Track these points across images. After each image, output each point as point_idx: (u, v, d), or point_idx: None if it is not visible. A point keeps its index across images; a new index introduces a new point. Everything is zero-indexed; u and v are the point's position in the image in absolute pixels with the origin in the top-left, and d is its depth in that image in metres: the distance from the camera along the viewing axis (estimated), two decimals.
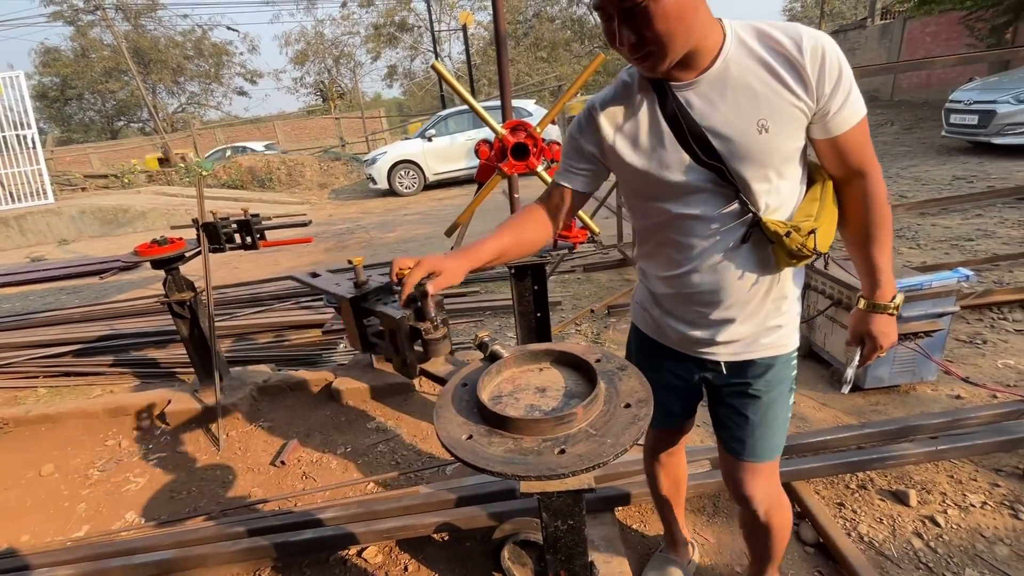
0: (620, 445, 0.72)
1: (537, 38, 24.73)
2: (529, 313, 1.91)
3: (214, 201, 10.20)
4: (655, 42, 0.83)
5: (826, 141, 0.93)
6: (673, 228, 1.00)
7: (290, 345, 3.53)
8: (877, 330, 1.04)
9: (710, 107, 0.91)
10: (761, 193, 0.93)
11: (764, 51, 0.89)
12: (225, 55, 26.77)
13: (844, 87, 0.88)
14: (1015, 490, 1.71)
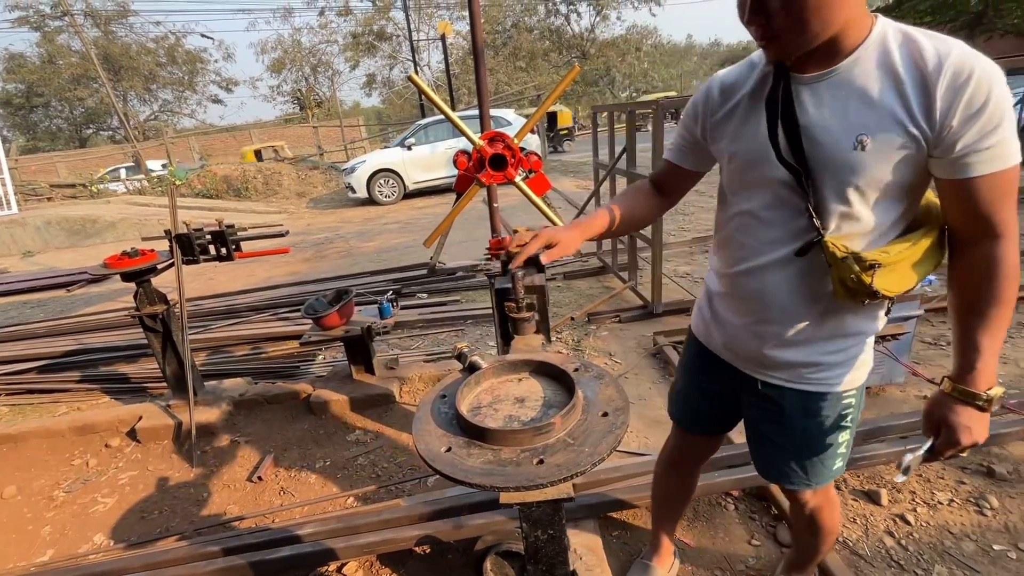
0: (598, 454, 0.72)
1: (516, 48, 24.98)
2: None
3: (188, 211, 9.99)
4: (784, 28, 0.77)
5: (950, 183, 0.80)
6: (739, 224, 0.98)
7: (267, 357, 3.46)
8: (958, 421, 0.84)
9: (817, 105, 0.83)
10: (834, 212, 0.85)
11: (900, 59, 0.77)
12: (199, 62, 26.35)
13: (985, 123, 0.74)
14: (979, 487, 1.77)
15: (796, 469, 1.07)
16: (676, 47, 29.93)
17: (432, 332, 3.59)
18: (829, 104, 0.82)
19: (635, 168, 3.42)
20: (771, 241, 0.93)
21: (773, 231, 0.92)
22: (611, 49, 26.07)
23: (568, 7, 25.51)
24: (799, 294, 0.93)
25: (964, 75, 0.73)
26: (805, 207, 0.87)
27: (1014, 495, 1.72)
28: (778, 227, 0.92)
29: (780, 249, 0.92)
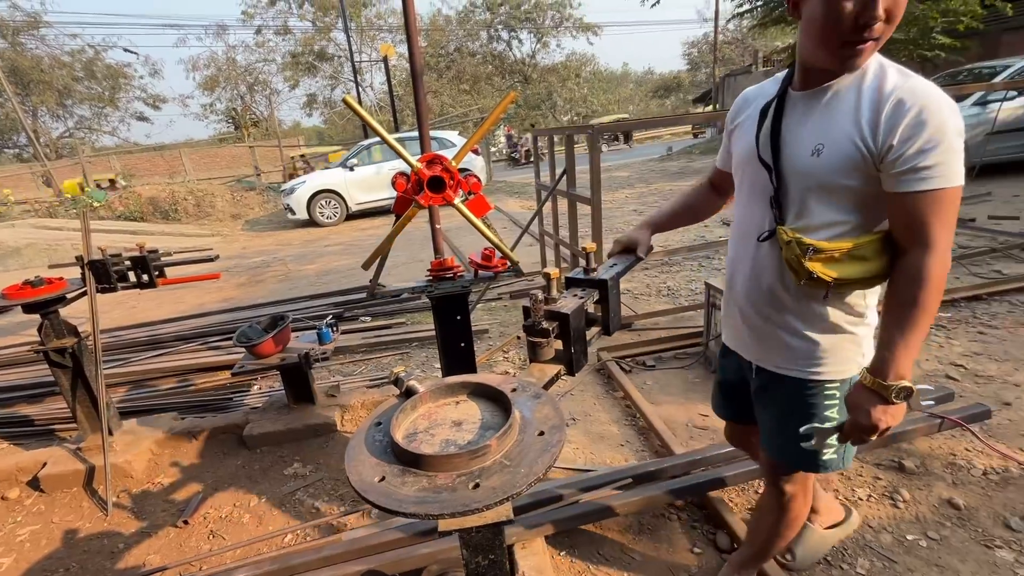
0: (534, 474, 0.73)
1: (459, 71, 25.35)
2: (453, 344, 1.90)
3: (108, 235, 9.29)
4: (891, 24, 0.85)
5: (892, 195, 0.89)
6: (736, 218, 1.17)
7: (196, 390, 3.24)
8: (866, 408, 0.92)
9: (793, 115, 1.00)
10: (792, 207, 1.00)
11: (868, 86, 0.90)
12: (122, 78, 24.84)
13: (924, 144, 0.83)
14: (893, 481, 1.92)
15: (779, 443, 1.20)
16: (613, 74, 31.44)
17: (376, 356, 3.49)
18: (804, 115, 0.98)
19: (575, 189, 3.52)
20: (749, 230, 1.10)
21: (752, 221, 1.09)
22: (552, 74, 26.99)
23: (510, 33, 26.25)
24: (768, 278, 1.08)
25: (909, 101, 0.84)
26: (771, 200, 1.03)
27: (922, 487, 1.87)
28: (756, 218, 1.08)
29: (751, 231, 1.10)
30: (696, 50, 38.60)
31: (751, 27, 14.37)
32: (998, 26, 9.10)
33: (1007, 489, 1.83)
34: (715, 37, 20.38)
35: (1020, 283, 3.44)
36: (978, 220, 5.14)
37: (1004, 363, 2.64)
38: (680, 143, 19.43)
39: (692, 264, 4.86)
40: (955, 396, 2.28)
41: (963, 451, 2.02)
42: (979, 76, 7.08)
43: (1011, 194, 6.20)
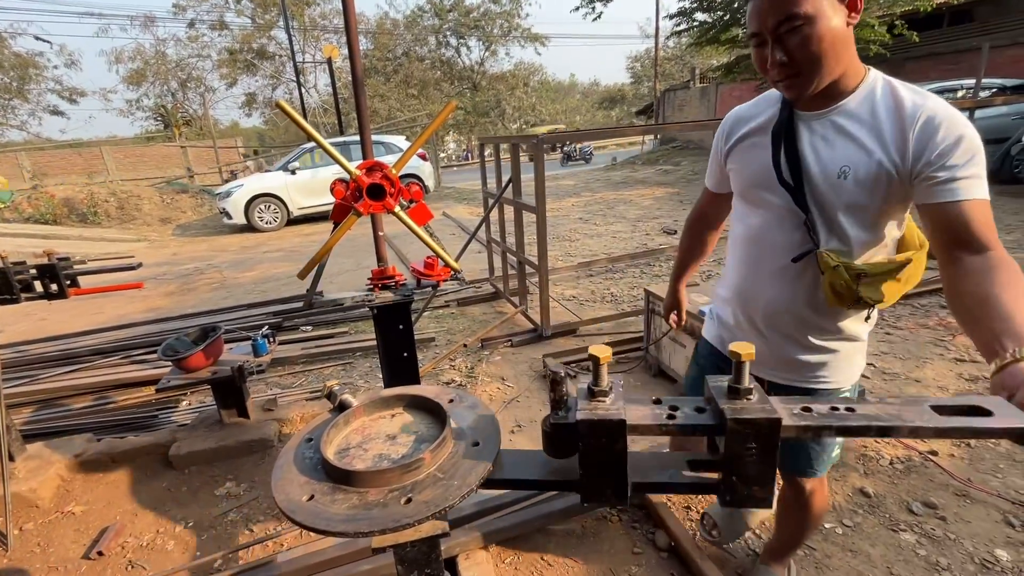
0: (467, 485, 0.73)
1: (407, 75, 25.04)
2: (395, 354, 1.87)
3: (13, 240, 8.46)
4: (804, 63, 0.90)
5: (934, 207, 0.89)
6: (747, 232, 1.15)
7: (116, 408, 3.00)
8: None
9: (811, 138, 1.00)
10: (825, 228, 1.01)
11: (884, 103, 0.94)
12: (33, 67, 22.74)
13: (961, 155, 0.87)
14: None
15: (806, 459, 1.23)
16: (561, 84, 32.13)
17: (317, 367, 3.37)
18: (822, 138, 0.99)
19: (520, 197, 3.57)
20: (773, 252, 1.09)
21: (775, 244, 1.08)
22: (501, 83, 27.21)
23: (458, 40, 26.26)
24: (797, 300, 1.09)
25: (936, 120, 0.89)
26: (802, 223, 1.03)
27: (838, 477, 2.02)
28: (779, 240, 1.07)
29: (780, 259, 1.08)
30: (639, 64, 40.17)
31: (688, 45, 15.13)
32: (902, 54, 10.08)
33: (910, 476, 2.01)
34: (656, 53, 21.31)
35: (919, 288, 3.80)
36: None
37: (907, 360, 2.90)
38: (624, 153, 20.12)
39: (635, 271, 5.02)
40: (866, 392, 2.48)
41: (872, 443, 2.20)
42: None
43: None
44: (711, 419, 0.69)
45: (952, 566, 1.61)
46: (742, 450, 0.65)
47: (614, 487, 0.70)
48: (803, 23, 0.87)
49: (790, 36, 0.88)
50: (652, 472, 0.76)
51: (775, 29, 0.89)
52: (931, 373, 2.74)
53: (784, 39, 0.89)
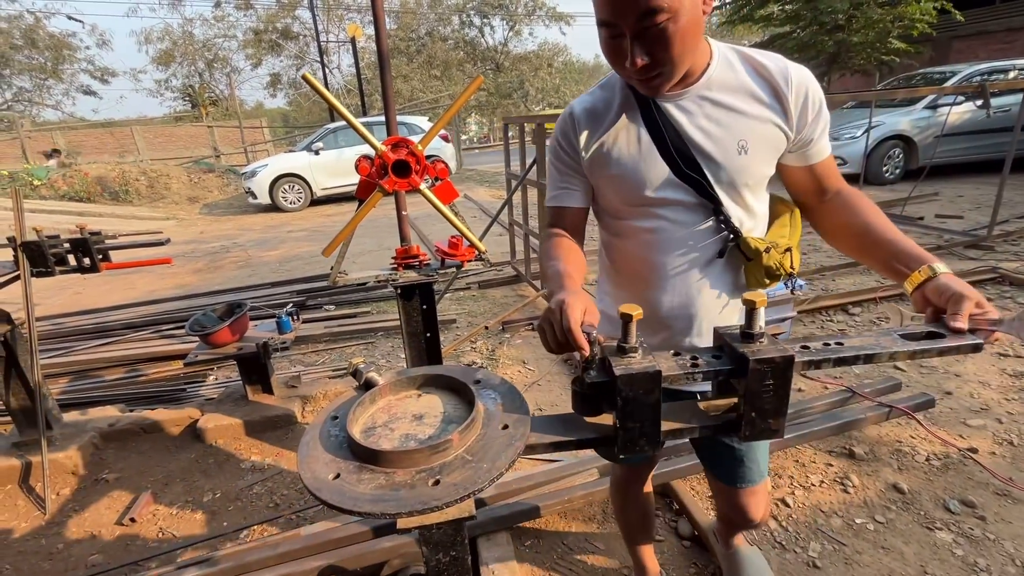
0: (496, 469, 0.70)
1: (430, 56, 24.82)
2: (418, 334, 1.86)
3: (50, 216, 8.73)
4: (668, 63, 0.81)
5: (805, 168, 0.97)
6: (646, 244, 0.98)
7: (146, 380, 3.09)
8: (960, 286, 0.77)
9: (692, 121, 0.91)
10: (736, 211, 0.95)
11: (748, 74, 0.91)
12: (67, 48, 23.21)
13: (824, 120, 0.93)
14: (844, 467, 2.00)
15: (750, 465, 1.12)
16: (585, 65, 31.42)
17: (339, 346, 3.40)
18: (701, 119, 0.91)
19: (545, 178, 3.50)
20: (686, 251, 0.97)
21: (688, 241, 0.96)
22: (524, 63, 26.77)
23: (482, 20, 25.86)
24: (721, 296, 1.00)
25: (804, 84, 0.90)
26: (712, 212, 0.94)
27: (870, 472, 1.96)
28: (691, 236, 0.96)
29: (698, 257, 0.97)
30: None
31: (720, 24, 14.60)
32: (950, 33, 9.54)
33: (947, 473, 1.93)
34: None
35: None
36: (926, 219, 5.41)
37: None
38: None
39: None
40: (902, 386, 2.39)
41: (908, 438, 2.12)
42: (931, 80, 7.41)
43: (956, 194, 6.54)
44: (731, 363, 0.76)
45: (991, 567, 1.55)
46: (760, 387, 0.73)
47: (648, 436, 0.76)
48: (667, 18, 0.76)
49: (651, 32, 0.77)
50: (676, 421, 0.81)
51: (637, 22, 0.77)
52: (972, 368, 2.62)
53: (645, 35, 0.78)
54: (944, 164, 7.15)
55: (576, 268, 0.93)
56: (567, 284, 0.87)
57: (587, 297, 0.83)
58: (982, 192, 6.44)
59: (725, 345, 0.78)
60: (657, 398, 0.74)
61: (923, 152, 7.19)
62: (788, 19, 10.45)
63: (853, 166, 7.19)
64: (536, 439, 0.82)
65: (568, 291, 0.83)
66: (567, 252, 0.97)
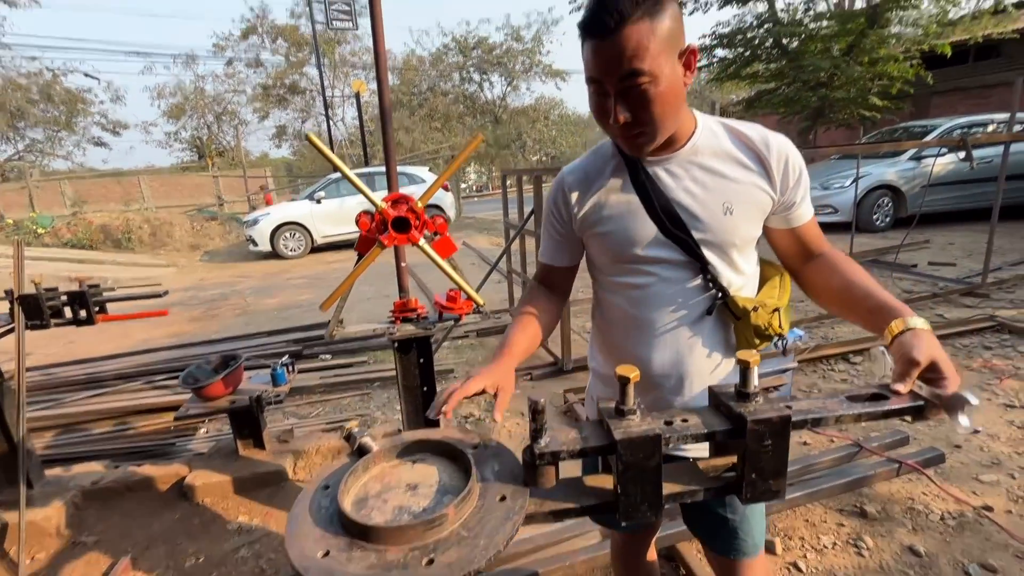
0: (494, 546, 0.67)
1: (432, 109, 25.79)
2: (415, 388, 1.83)
3: (52, 264, 8.77)
4: (649, 122, 0.86)
5: (789, 231, 1.00)
6: (635, 300, 1.00)
7: (135, 434, 3.01)
8: (933, 344, 0.76)
9: (678, 184, 0.95)
10: (724, 271, 0.97)
11: (732, 142, 0.96)
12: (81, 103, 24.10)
13: (804, 185, 0.97)
14: (856, 528, 1.92)
15: (744, 537, 1.06)
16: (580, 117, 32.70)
17: (335, 397, 3.34)
18: (687, 181, 0.95)
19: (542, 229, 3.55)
20: (675, 309, 0.99)
21: (677, 299, 0.98)
22: (522, 116, 27.79)
23: (481, 76, 27.08)
24: (712, 355, 1.00)
25: (785, 150, 0.95)
26: (700, 271, 0.97)
27: (884, 533, 1.88)
28: (680, 295, 0.98)
29: (687, 315, 0.98)
30: None
31: (709, 81, 15.30)
32: (928, 89, 10.00)
33: (964, 534, 1.86)
34: None
35: (962, 327, 3.63)
36: (919, 266, 5.47)
37: None
38: None
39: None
40: (910, 439, 2.34)
41: (920, 495, 2.06)
42: (913, 134, 7.69)
43: (947, 242, 6.65)
44: (728, 423, 0.75)
45: None
46: (759, 447, 0.72)
47: (650, 501, 0.75)
48: (648, 81, 0.81)
49: (633, 93, 0.83)
50: (676, 484, 0.80)
51: (619, 82, 0.83)
52: (980, 420, 2.57)
53: (627, 95, 0.83)
54: (933, 212, 7.31)
55: (528, 337, 1.02)
56: (499, 355, 0.96)
57: (502, 375, 0.91)
58: (972, 239, 6.55)
59: (721, 404, 0.78)
60: (658, 462, 0.73)
61: (911, 201, 7.38)
62: (773, 76, 10.97)
63: (844, 214, 7.34)
64: (535, 508, 0.80)
65: (491, 364, 0.93)
66: (529, 318, 1.05)
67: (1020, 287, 4.55)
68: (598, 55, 0.83)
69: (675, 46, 0.83)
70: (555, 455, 0.76)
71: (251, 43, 24.67)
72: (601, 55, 0.82)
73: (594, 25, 0.82)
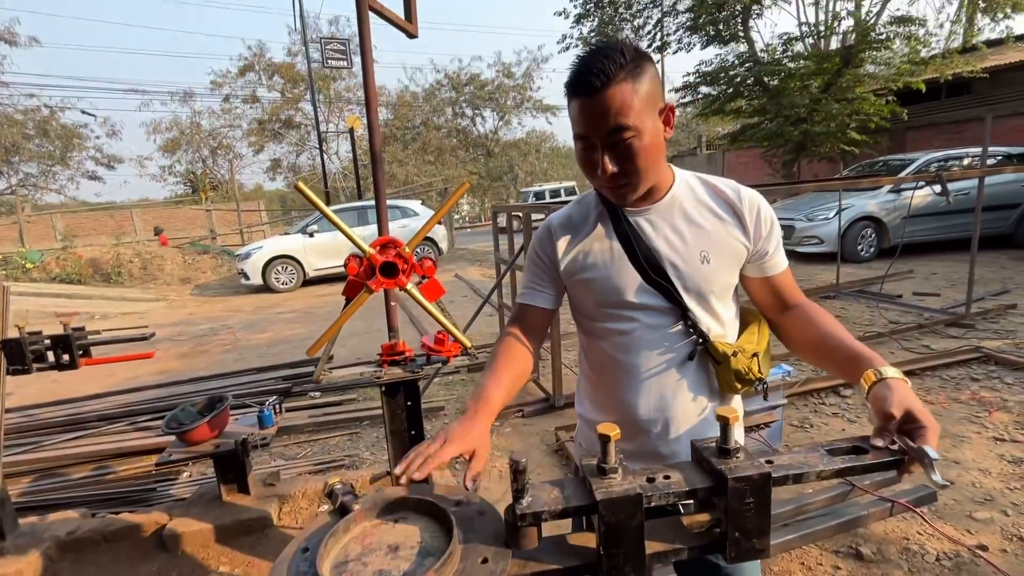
0: None
1: (425, 143, 26.28)
2: (402, 432, 1.81)
3: (38, 300, 8.67)
4: (634, 174, 0.91)
5: (765, 281, 1.04)
6: (620, 345, 1.02)
7: (115, 479, 2.93)
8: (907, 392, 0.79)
9: (658, 233, 0.99)
10: (704, 317, 1.00)
11: (707, 195, 1.02)
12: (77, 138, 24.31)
13: (776, 236, 1.02)
14: (853, 570, 1.89)
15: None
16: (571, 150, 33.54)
17: (323, 437, 3.28)
18: (666, 231, 1.00)
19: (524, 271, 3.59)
20: (658, 353, 1.01)
21: (660, 343, 1.01)
22: (513, 149, 28.39)
23: (474, 111, 27.75)
24: (696, 399, 1.02)
25: (756, 202, 1.01)
26: (681, 317, 0.99)
27: (879, 574, 1.85)
28: (663, 340, 1.01)
29: (670, 359, 1.01)
30: None
31: (694, 116, 15.79)
32: (904, 124, 10.37)
33: (960, 574, 1.83)
34: None
35: (949, 358, 3.67)
36: (904, 296, 5.55)
37: (943, 439, 2.74)
38: None
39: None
40: None
41: (915, 535, 2.03)
42: (892, 167, 7.93)
43: (930, 271, 6.77)
44: (710, 480, 0.74)
45: None
46: (741, 506, 0.72)
47: (634, 561, 0.74)
48: (633, 135, 0.87)
49: (619, 146, 0.89)
50: (660, 542, 0.79)
51: (607, 137, 0.88)
52: (971, 454, 2.57)
53: (614, 148, 0.89)
54: (915, 243, 7.47)
55: (503, 389, 0.98)
56: (473, 412, 0.91)
57: (476, 436, 0.87)
58: (953, 269, 6.68)
59: (703, 460, 0.78)
60: (640, 522, 0.72)
61: (893, 232, 7.54)
62: (756, 112, 11.34)
63: (829, 245, 7.49)
64: (518, 569, 0.78)
65: (464, 422, 0.89)
66: (504, 367, 1.01)
67: (1004, 317, 4.62)
68: (585, 113, 0.88)
69: (655, 104, 0.90)
70: (537, 516, 0.75)
71: (248, 80, 25.21)
72: (589, 112, 0.88)
73: (581, 85, 0.87)
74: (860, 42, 9.54)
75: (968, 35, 10.82)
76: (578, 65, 0.89)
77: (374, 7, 2.33)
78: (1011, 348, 3.87)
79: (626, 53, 0.87)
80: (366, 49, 1.88)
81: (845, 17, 10.15)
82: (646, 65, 0.88)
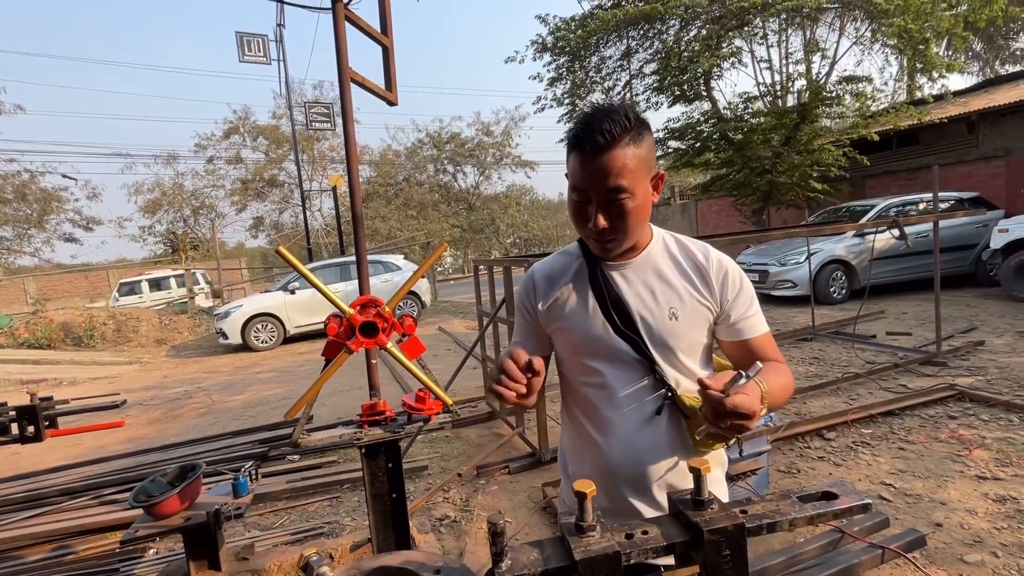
0: None
1: (407, 198, 26.80)
2: (383, 495, 1.76)
3: (3, 367, 8.33)
4: (622, 232, 0.96)
5: (740, 344, 1.04)
6: (594, 396, 1.05)
7: (75, 560, 2.73)
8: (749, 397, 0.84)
9: (631, 288, 1.03)
10: (670, 371, 1.02)
11: (679, 254, 1.06)
12: (56, 201, 24.20)
13: (746, 298, 1.03)
14: None
15: None
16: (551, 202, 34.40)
17: (301, 503, 3.14)
18: (638, 286, 1.04)
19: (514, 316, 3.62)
20: (628, 405, 1.03)
21: (630, 395, 1.02)
22: (494, 203, 29.08)
23: (455, 167, 28.59)
24: (666, 453, 1.02)
25: (724, 264, 1.04)
26: (650, 370, 1.01)
27: None
28: (633, 393, 1.02)
29: (640, 411, 1.02)
30: None
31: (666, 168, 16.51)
32: (862, 173, 10.99)
33: None
34: None
35: (926, 397, 3.73)
36: (878, 336, 5.69)
37: (927, 480, 2.75)
38: None
39: None
40: (889, 521, 2.31)
41: None
42: (855, 212, 8.34)
43: (900, 311, 6.98)
44: (686, 533, 0.75)
45: None
46: (718, 559, 0.72)
47: None
48: (627, 196, 0.93)
49: (614, 205, 0.94)
50: None
51: (605, 194, 0.94)
52: (955, 494, 2.58)
53: (608, 206, 0.95)
54: (883, 284, 7.75)
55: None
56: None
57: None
58: (923, 308, 6.91)
59: (680, 514, 0.79)
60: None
61: (861, 274, 7.83)
62: (723, 164, 11.93)
63: (802, 288, 7.71)
64: None
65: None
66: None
67: (973, 354, 4.75)
68: (587, 168, 0.94)
69: (650, 170, 0.98)
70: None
71: (232, 142, 25.72)
72: (590, 169, 0.93)
73: (586, 142, 0.92)
74: (813, 99, 10.25)
75: (912, 90, 11.66)
76: (584, 122, 0.95)
77: (356, 79, 2.47)
78: (983, 384, 3.96)
79: (630, 118, 0.94)
80: (348, 119, 1.98)
81: (797, 78, 10.95)
82: (646, 133, 0.96)
